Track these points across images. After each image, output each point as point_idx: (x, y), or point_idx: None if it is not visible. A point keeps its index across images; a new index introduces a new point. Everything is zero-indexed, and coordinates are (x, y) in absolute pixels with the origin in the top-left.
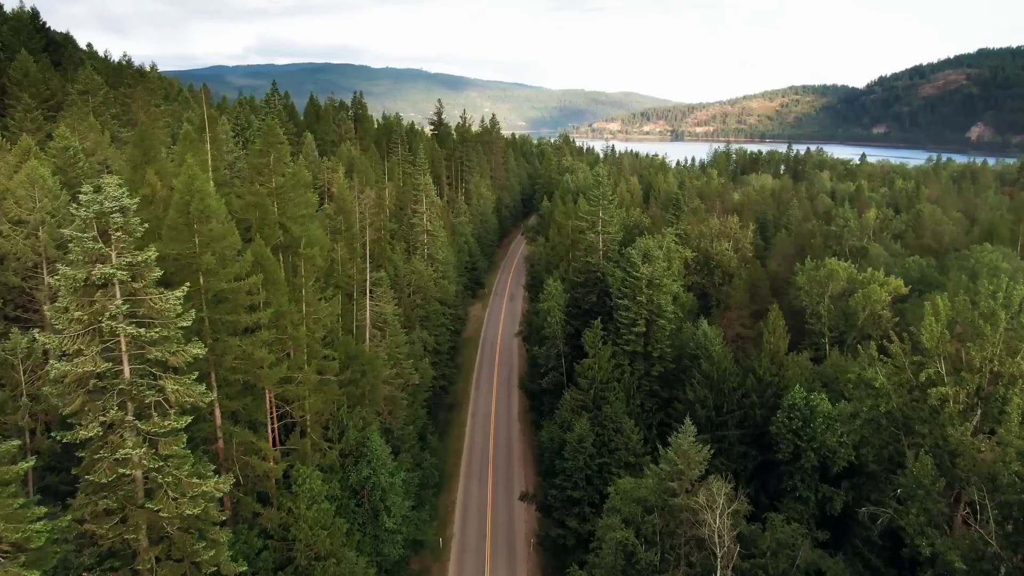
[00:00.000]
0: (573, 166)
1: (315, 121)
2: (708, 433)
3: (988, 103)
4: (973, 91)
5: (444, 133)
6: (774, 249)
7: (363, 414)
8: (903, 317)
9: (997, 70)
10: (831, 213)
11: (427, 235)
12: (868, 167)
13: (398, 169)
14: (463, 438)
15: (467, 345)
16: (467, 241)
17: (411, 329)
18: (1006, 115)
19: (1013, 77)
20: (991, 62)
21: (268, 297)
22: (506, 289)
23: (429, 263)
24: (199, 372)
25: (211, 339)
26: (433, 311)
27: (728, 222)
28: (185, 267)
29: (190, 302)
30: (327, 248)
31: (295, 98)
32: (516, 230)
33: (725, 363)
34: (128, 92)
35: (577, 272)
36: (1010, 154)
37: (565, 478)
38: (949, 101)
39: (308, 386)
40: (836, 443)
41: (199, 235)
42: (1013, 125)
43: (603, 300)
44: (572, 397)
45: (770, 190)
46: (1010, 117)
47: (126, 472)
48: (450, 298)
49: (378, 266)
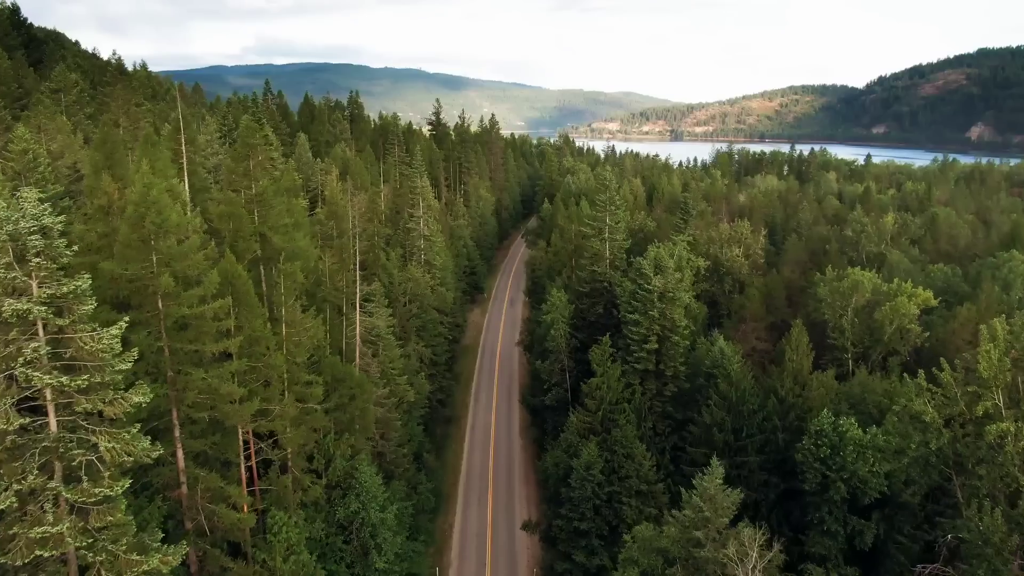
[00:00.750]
0: (575, 167)
1: (309, 121)
2: (726, 459)
3: (988, 103)
4: (973, 91)
5: (442, 133)
6: (786, 255)
7: (352, 441)
8: (932, 331)
9: (997, 70)
10: (840, 216)
11: (424, 240)
12: (874, 168)
13: (394, 171)
14: (461, 455)
15: (466, 353)
16: (466, 245)
17: (406, 341)
18: (1006, 115)
19: (1013, 77)
20: (991, 62)
21: (240, 320)
22: (506, 294)
23: (426, 269)
24: (158, 409)
25: (173, 371)
26: (430, 320)
27: (739, 227)
28: (141, 290)
29: (146, 330)
30: (314, 259)
31: (294, 98)
32: (516, 232)
33: (744, 383)
34: (107, 91)
35: (582, 282)
36: (1011, 154)
37: (571, 508)
38: (949, 101)
39: (287, 419)
40: (868, 473)
41: (157, 253)
42: (1013, 125)
43: (610, 311)
44: (578, 419)
45: (777, 192)
46: (1010, 117)
47: (44, 554)
48: (448, 305)
49: (371, 275)
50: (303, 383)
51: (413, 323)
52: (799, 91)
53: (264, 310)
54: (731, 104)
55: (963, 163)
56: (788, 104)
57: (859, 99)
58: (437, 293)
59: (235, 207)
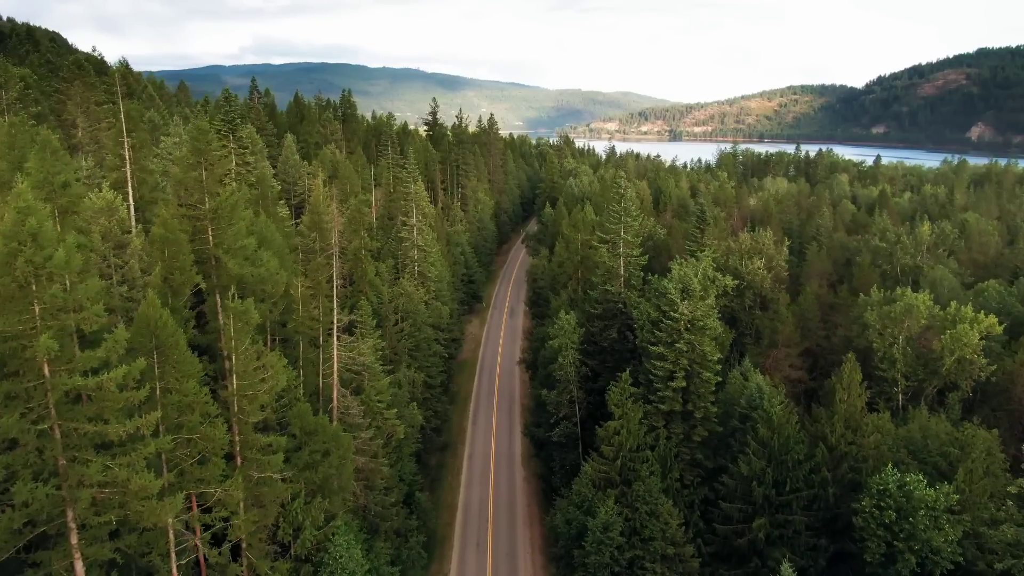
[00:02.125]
0: (577, 169)
1: (299, 122)
2: (766, 516)
3: (988, 103)
4: (973, 91)
5: (439, 134)
6: (808, 267)
7: (326, 506)
8: (1000, 364)
9: (997, 70)
10: (858, 221)
11: (418, 251)
12: (884, 169)
13: (388, 174)
14: (458, 489)
15: (463, 369)
16: (463, 252)
17: (397, 365)
18: (1007, 115)
19: (1013, 77)
20: (991, 62)
21: (167, 382)
22: (505, 302)
23: (420, 282)
24: (46, 512)
25: (66, 459)
26: (424, 339)
27: (761, 237)
28: (18, 352)
29: (24, 406)
30: (283, 285)
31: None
32: (515, 236)
33: (787, 428)
34: (64, 88)
35: (593, 302)
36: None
37: (586, 574)
38: (949, 101)
39: (236, 501)
40: (943, 542)
41: (39, 302)
42: (1014, 125)
43: (625, 336)
44: (593, 469)
45: (789, 195)
46: (1011, 117)
47: None
48: (444, 320)
49: (358, 292)
50: (259, 448)
51: (405, 344)
52: (798, 91)
53: (199, 366)
54: (730, 104)
55: (973, 164)
56: (787, 104)
57: (858, 99)
58: (432, 308)
59: (170, 229)
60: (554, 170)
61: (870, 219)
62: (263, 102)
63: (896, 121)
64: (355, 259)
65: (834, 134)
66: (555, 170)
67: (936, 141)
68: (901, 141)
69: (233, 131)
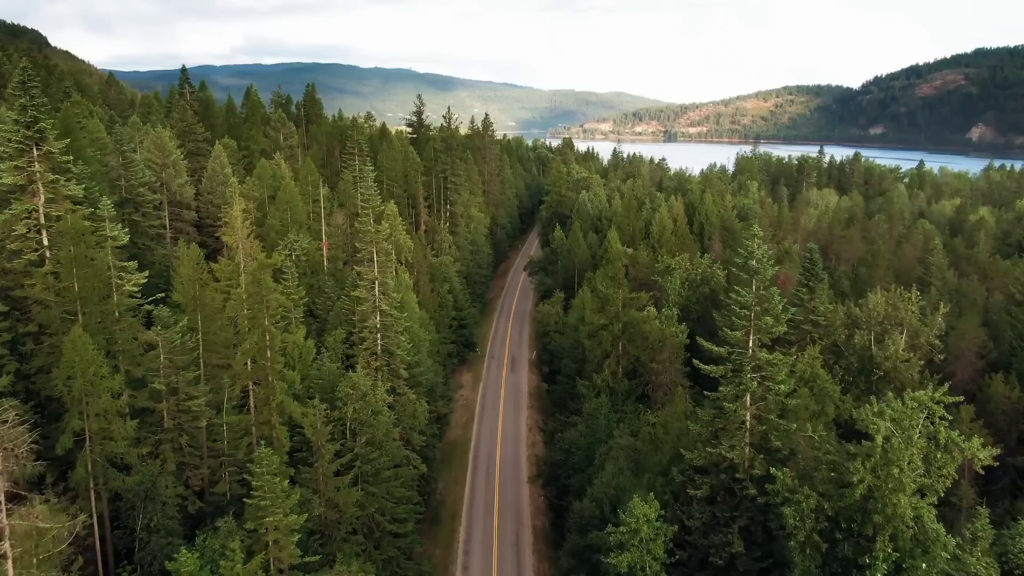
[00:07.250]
0: (589, 180)
1: (242, 123)
2: None
3: (988, 103)
4: (972, 91)
5: (424, 137)
6: (958, 339)
7: None
8: None
9: (996, 70)
10: (954, 249)
11: (381, 316)
12: (934, 178)
13: (355, 191)
14: None
15: (451, 457)
16: (452, 289)
17: (332, 552)
18: (1007, 115)
19: (1012, 77)
20: (989, 62)
21: None
22: (505, 348)
23: (384, 363)
24: None
25: None
26: (384, 464)
27: (906, 299)
28: None
29: None
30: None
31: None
32: (515, 252)
33: None
34: None
35: (691, 479)
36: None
37: None
38: (948, 101)
39: None
40: None
41: None
42: (1015, 126)
43: (752, 538)
44: None
45: (840, 212)
46: (1012, 117)
47: None
48: (421, 421)
49: (260, 440)
50: None
51: (352, 514)
52: (794, 91)
53: None
54: (725, 104)
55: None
56: (783, 104)
57: (855, 99)
58: (402, 405)
59: None
60: (561, 182)
61: (971, 251)
62: (197, 97)
63: (894, 122)
64: (260, 369)
65: (831, 135)
66: (563, 181)
67: (936, 142)
68: (900, 142)
69: (38, 142)
